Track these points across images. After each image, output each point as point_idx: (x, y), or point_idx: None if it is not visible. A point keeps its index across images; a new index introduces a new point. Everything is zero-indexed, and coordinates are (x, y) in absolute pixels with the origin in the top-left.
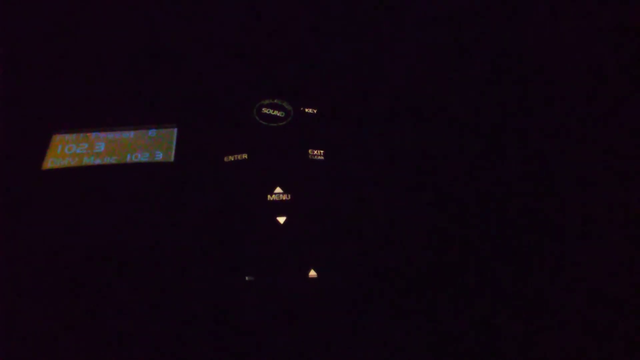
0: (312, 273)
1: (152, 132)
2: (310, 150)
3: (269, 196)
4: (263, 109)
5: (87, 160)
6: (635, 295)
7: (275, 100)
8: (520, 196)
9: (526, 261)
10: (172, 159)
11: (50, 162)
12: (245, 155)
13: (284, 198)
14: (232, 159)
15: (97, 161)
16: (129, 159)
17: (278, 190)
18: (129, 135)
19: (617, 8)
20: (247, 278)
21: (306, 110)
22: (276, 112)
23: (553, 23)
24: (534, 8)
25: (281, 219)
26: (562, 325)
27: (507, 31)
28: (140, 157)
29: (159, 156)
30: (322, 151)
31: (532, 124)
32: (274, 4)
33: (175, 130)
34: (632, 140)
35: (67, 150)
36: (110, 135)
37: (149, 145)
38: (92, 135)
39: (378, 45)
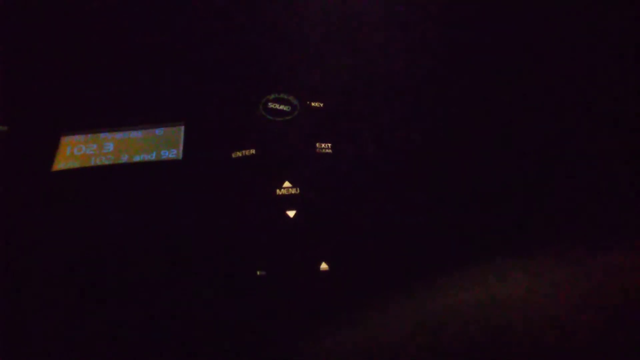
0: (324, 266)
1: (160, 131)
2: (317, 144)
3: (277, 190)
4: (269, 104)
5: (96, 161)
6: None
7: (281, 95)
8: (522, 195)
9: (531, 258)
10: (180, 156)
11: (60, 163)
12: (252, 151)
13: (292, 192)
14: (240, 155)
15: (107, 161)
16: (138, 158)
17: (287, 184)
18: (137, 134)
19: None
20: (258, 273)
21: (312, 104)
22: (282, 107)
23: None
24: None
25: (291, 213)
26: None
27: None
28: (149, 156)
29: (167, 154)
30: (329, 144)
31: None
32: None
33: (182, 128)
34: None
35: (76, 151)
36: (119, 135)
37: (157, 144)
38: (101, 136)
39: (384, 39)
